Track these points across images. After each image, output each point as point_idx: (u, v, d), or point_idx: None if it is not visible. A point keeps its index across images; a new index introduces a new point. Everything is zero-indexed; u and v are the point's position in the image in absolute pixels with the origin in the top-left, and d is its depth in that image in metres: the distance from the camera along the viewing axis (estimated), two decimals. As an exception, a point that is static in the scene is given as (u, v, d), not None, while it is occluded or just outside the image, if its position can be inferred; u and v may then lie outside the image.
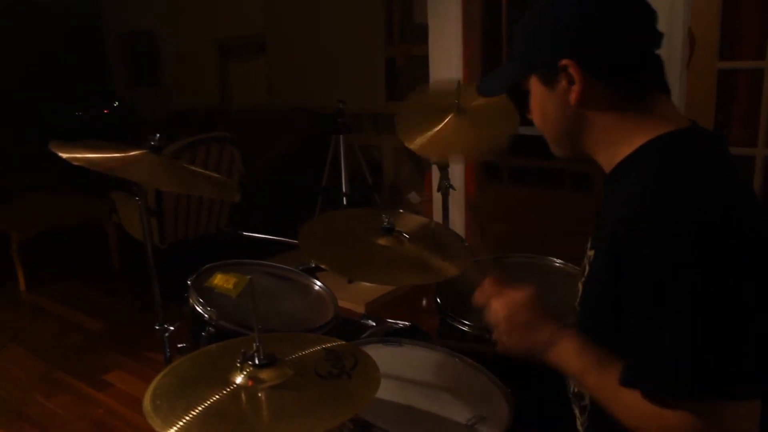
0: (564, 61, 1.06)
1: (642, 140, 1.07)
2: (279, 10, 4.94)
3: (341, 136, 4.09)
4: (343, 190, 4.11)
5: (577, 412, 1.28)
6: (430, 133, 2.23)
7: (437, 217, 3.52)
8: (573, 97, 1.08)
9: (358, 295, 3.67)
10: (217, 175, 1.87)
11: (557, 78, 1.09)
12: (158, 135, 1.62)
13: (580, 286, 1.24)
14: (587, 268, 1.18)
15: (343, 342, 1.38)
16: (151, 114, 5.99)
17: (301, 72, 4.91)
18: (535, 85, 1.16)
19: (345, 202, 4.09)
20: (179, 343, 1.93)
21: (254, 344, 1.23)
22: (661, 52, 1.10)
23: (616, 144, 1.10)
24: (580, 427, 1.27)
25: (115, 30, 6.46)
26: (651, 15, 1.07)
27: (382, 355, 1.63)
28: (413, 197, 4.67)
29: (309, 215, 4.24)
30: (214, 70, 5.25)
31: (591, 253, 1.15)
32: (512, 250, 2.32)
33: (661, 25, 1.08)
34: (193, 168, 1.78)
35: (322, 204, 4.21)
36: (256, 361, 1.22)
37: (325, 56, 4.78)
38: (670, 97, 1.12)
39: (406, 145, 2.24)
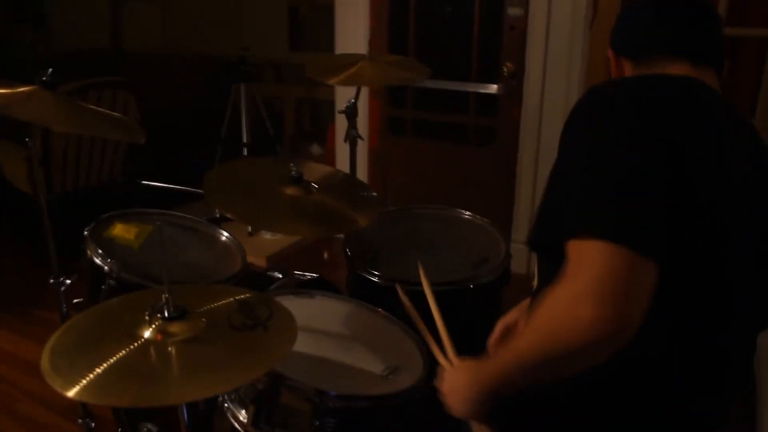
0: (608, 50, 1.31)
1: None
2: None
3: (242, 85, 3.95)
4: (244, 140, 3.99)
5: None
6: (344, 73, 2.18)
7: (341, 169, 3.48)
8: (613, 71, 1.30)
9: (259, 248, 3.60)
10: (119, 115, 1.73)
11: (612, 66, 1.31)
12: (50, 70, 1.47)
13: None
14: None
15: (256, 293, 1.34)
16: (31, 55, 5.54)
17: (199, 16, 4.68)
18: None
19: (245, 153, 3.97)
20: (74, 299, 1.81)
21: (163, 296, 1.16)
22: (566, 10, 1.20)
23: None
24: None
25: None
26: (674, 5, 1.22)
27: (293, 306, 1.58)
28: (315, 149, 4.61)
29: (208, 166, 4.09)
30: (104, 10, 4.90)
31: None
32: (415, 203, 2.33)
33: None
34: (92, 107, 1.64)
35: (222, 154, 4.07)
36: (166, 314, 1.15)
37: (226, 2, 4.58)
38: (705, 66, 1.18)
39: (319, 79, 2.19)
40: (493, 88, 3.45)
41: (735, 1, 2.81)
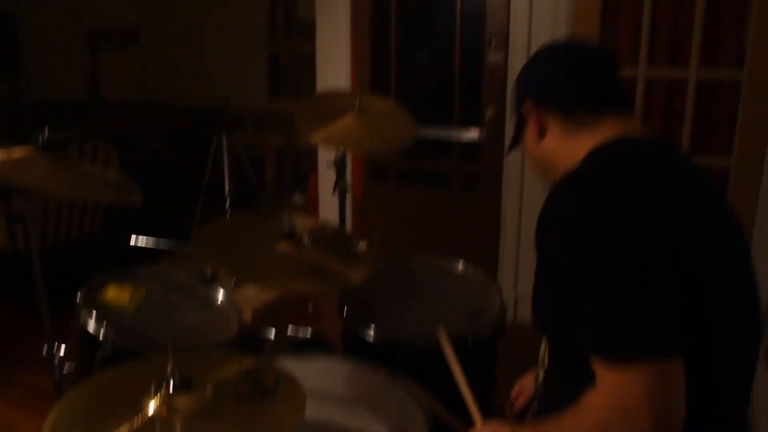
0: (525, 103, 1.28)
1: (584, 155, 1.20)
2: (155, 1, 4.69)
3: (224, 135, 3.94)
4: (226, 191, 3.96)
5: None
6: (332, 128, 2.16)
7: (325, 219, 3.46)
8: (534, 129, 1.28)
9: (243, 301, 3.53)
10: (115, 176, 1.69)
11: (527, 120, 1.29)
12: (47, 129, 1.43)
13: None
14: None
15: (261, 358, 1.30)
16: (7, 105, 5.49)
17: (179, 66, 4.69)
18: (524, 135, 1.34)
19: (228, 204, 3.94)
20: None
21: (168, 367, 1.12)
22: None
23: (573, 162, 1.20)
24: None
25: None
26: (589, 57, 1.27)
27: (294, 369, 1.56)
28: (297, 198, 4.59)
29: (190, 218, 4.05)
30: (82, 60, 4.88)
31: None
32: (400, 251, 2.31)
33: (546, 29, 1.17)
34: (89, 169, 1.60)
35: (204, 206, 4.03)
36: (171, 387, 1.11)
37: (205, 50, 4.59)
38: (626, 114, 1.25)
39: (309, 140, 2.17)
40: (476, 134, 3.48)
41: (708, 42, 2.90)
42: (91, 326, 1.56)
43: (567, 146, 1.24)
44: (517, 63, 3.24)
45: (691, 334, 1.03)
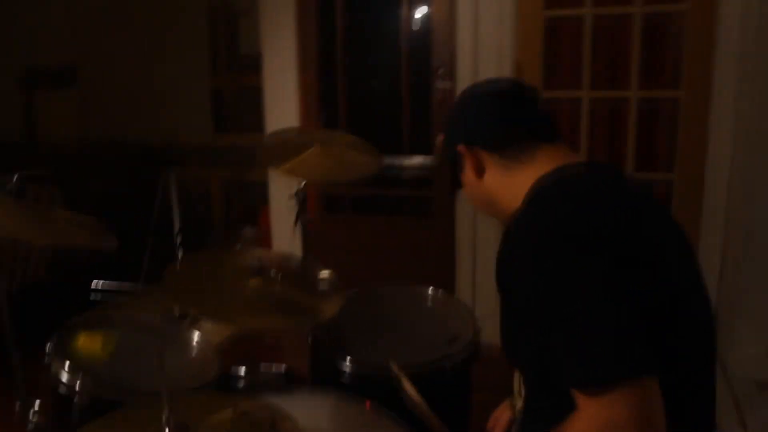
0: (458, 147, 1.33)
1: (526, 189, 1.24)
2: (92, 37, 4.59)
3: (171, 172, 3.86)
4: (176, 228, 3.88)
5: None
6: (297, 161, 2.16)
7: (281, 251, 3.43)
8: (471, 170, 1.32)
9: (201, 338, 3.45)
10: (88, 220, 1.64)
11: (462, 163, 1.34)
12: (16, 176, 1.38)
13: None
14: None
15: (253, 399, 1.28)
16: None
17: (119, 103, 4.59)
18: (462, 177, 1.38)
19: (179, 242, 3.85)
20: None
21: (163, 416, 1.09)
22: None
23: (517, 197, 1.24)
24: None
25: None
26: (511, 94, 1.34)
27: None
28: (248, 232, 4.52)
29: (138, 257, 3.94)
30: (14, 101, 4.72)
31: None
32: (355, 279, 2.30)
33: (493, 57, 1.21)
34: (63, 213, 1.54)
35: (153, 244, 3.93)
36: (168, 437, 1.08)
37: (146, 87, 4.51)
38: (556, 142, 1.30)
39: (275, 170, 2.16)
40: (427, 161, 3.52)
41: (647, 63, 3.04)
42: (65, 377, 1.49)
43: (508, 182, 1.28)
44: (464, 90, 3.31)
45: (660, 353, 1.05)
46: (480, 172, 1.32)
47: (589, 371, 1.01)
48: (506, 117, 1.31)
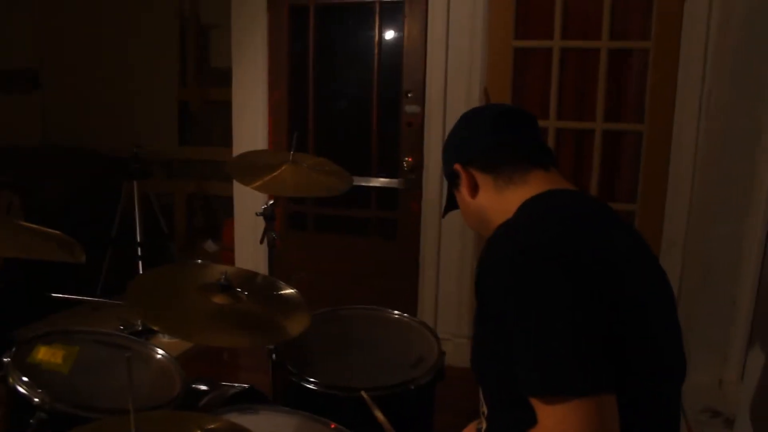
0: (455, 165, 1.37)
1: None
2: (57, 41, 4.51)
3: (135, 183, 3.82)
4: (138, 239, 3.82)
5: None
6: (268, 178, 2.16)
7: (244, 267, 3.40)
8: (466, 188, 1.36)
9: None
10: (56, 233, 1.61)
11: (458, 182, 1.38)
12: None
13: None
14: None
15: (217, 417, 1.26)
16: None
17: (82, 110, 4.51)
18: (457, 195, 1.42)
19: (140, 253, 3.80)
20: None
21: (130, 432, 1.07)
22: (460, 106, 1.32)
23: (507, 216, 1.29)
24: None
25: None
26: (508, 118, 1.38)
27: (246, 425, 1.51)
28: (209, 246, 4.48)
29: (96, 269, 3.87)
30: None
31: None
32: (318, 298, 2.29)
33: (462, 83, 1.22)
34: (30, 225, 1.51)
35: (113, 255, 3.87)
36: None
37: (111, 95, 4.45)
38: (550, 168, 1.35)
39: (245, 185, 2.15)
40: (394, 183, 3.55)
41: (611, 96, 3.12)
42: (23, 390, 1.45)
43: (500, 201, 1.32)
44: (433, 114, 3.35)
45: (622, 373, 1.08)
46: (474, 191, 1.36)
47: (548, 380, 1.04)
48: (501, 140, 1.34)
